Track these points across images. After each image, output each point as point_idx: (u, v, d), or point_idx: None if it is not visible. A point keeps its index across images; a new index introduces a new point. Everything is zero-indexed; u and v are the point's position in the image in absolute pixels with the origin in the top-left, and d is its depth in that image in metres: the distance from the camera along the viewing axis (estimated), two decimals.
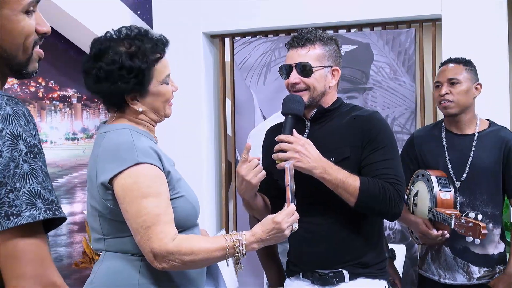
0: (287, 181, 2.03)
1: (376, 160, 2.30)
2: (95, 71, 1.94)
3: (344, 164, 2.28)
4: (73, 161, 4.44)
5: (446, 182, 2.81)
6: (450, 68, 2.91)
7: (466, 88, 2.87)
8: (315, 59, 2.36)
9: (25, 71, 1.37)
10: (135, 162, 1.87)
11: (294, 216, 1.99)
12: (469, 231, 2.56)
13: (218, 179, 4.55)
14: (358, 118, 2.37)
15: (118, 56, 1.92)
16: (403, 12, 3.98)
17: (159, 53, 1.99)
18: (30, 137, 1.23)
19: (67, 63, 4.48)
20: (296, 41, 2.38)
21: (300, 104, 2.32)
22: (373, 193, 2.25)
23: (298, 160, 2.22)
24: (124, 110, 2.00)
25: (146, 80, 1.95)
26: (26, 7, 1.32)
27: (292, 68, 2.37)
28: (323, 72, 2.38)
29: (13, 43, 1.32)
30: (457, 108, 2.87)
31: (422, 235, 2.82)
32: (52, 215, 1.24)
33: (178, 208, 1.94)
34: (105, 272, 1.96)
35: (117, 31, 1.98)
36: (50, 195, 1.25)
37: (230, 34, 4.43)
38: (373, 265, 2.37)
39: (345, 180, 2.24)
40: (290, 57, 2.39)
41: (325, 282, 2.35)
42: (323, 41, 2.39)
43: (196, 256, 1.86)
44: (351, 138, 2.34)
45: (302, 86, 2.36)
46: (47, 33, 1.38)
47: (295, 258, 2.44)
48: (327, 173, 2.23)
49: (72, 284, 4.39)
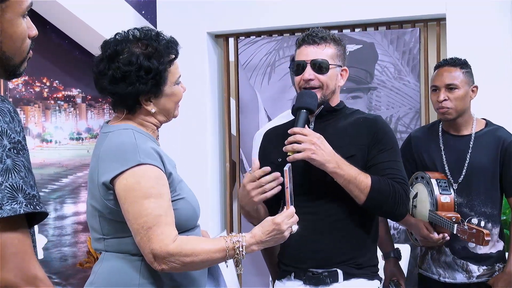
0: (287, 183, 2.03)
1: (384, 160, 2.33)
2: (111, 72, 1.93)
3: (349, 162, 2.28)
4: (78, 161, 4.45)
5: (446, 185, 2.81)
6: (447, 72, 2.88)
7: (464, 92, 2.86)
8: (330, 57, 2.39)
9: (18, 72, 1.40)
10: (137, 162, 1.87)
11: (294, 218, 2.00)
12: (472, 237, 2.57)
13: (222, 179, 4.56)
14: (364, 119, 2.40)
15: (135, 57, 1.92)
16: (407, 11, 3.98)
17: (173, 54, 2.00)
18: (14, 133, 1.26)
19: (72, 63, 4.49)
20: (311, 38, 2.39)
21: (315, 99, 2.34)
22: (384, 192, 2.27)
23: (313, 152, 2.23)
24: (135, 111, 2.00)
25: (162, 81, 1.96)
26: (25, 11, 1.34)
27: (307, 64, 2.37)
28: (336, 71, 2.41)
29: (13, 46, 1.35)
30: (455, 114, 2.87)
31: (423, 238, 2.83)
32: (33, 209, 1.25)
33: (179, 210, 1.94)
34: (106, 272, 1.95)
35: (128, 32, 1.98)
36: (32, 190, 1.27)
37: (235, 34, 4.43)
38: (367, 267, 2.38)
39: (357, 176, 2.25)
40: (305, 54, 2.39)
41: (318, 282, 2.34)
42: (335, 41, 2.42)
43: (196, 258, 1.86)
44: (357, 138, 2.36)
45: (316, 83, 2.37)
46: (35, 37, 1.40)
47: (287, 258, 2.42)
48: (340, 168, 2.24)
49: (77, 284, 4.40)
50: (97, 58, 1.99)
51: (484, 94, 3.50)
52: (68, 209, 4.46)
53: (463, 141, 2.89)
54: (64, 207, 4.45)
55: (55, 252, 4.38)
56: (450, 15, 3.88)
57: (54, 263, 4.37)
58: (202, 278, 2.05)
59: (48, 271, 4.30)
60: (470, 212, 2.83)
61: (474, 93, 2.91)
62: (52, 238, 4.33)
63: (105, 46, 1.99)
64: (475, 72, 2.98)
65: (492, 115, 3.08)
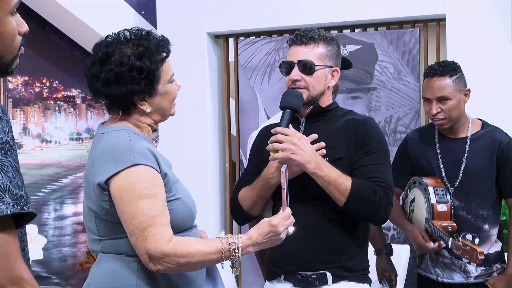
0: (283, 184, 2.02)
1: (368, 163, 2.30)
2: (103, 75, 1.93)
3: (337, 164, 2.27)
4: (78, 161, 4.45)
5: (444, 193, 2.80)
6: (436, 84, 2.81)
7: (456, 102, 2.82)
8: (318, 58, 2.36)
9: (10, 69, 1.40)
10: (132, 163, 1.86)
11: (290, 220, 1.99)
12: (466, 254, 2.58)
13: (222, 179, 4.55)
14: (353, 121, 2.38)
15: (126, 58, 1.92)
16: (407, 12, 3.97)
17: (165, 52, 1.99)
18: (2, 133, 1.26)
19: (72, 63, 4.49)
20: (299, 38, 2.38)
21: (299, 99, 2.33)
22: (364, 195, 2.24)
23: (293, 152, 2.22)
24: (130, 111, 1.99)
25: (155, 80, 1.96)
26: (13, 8, 1.34)
27: (294, 65, 2.36)
28: (324, 72, 2.38)
29: (3, 44, 1.34)
30: (450, 123, 2.85)
31: (418, 246, 2.84)
32: (20, 210, 1.25)
33: (175, 210, 1.93)
34: (102, 273, 1.95)
35: (119, 34, 1.98)
36: (19, 191, 1.26)
37: (234, 34, 4.43)
38: (357, 270, 2.36)
39: (337, 178, 2.23)
40: (293, 54, 2.38)
41: (307, 284, 2.32)
42: (326, 40, 2.39)
43: (192, 259, 1.86)
44: (346, 139, 2.33)
45: (302, 83, 2.36)
46: (26, 33, 1.40)
47: (277, 259, 2.42)
48: (320, 169, 2.23)
49: (77, 284, 4.40)
50: (89, 62, 1.99)
51: (483, 95, 3.51)
52: (68, 209, 4.46)
53: (459, 144, 2.88)
54: (64, 207, 4.45)
55: (55, 252, 4.38)
56: (450, 15, 3.87)
57: (54, 263, 4.37)
58: (200, 279, 2.04)
59: (48, 271, 4.30)
60: (467, 215, 2.83)
61: (467, 97, 2.88)
62: (52, 238, 4.33)
63: (96, 49, 1.98)
64: (474, 73, 2.97)
65: (491, 116, 3.08)
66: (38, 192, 4.21)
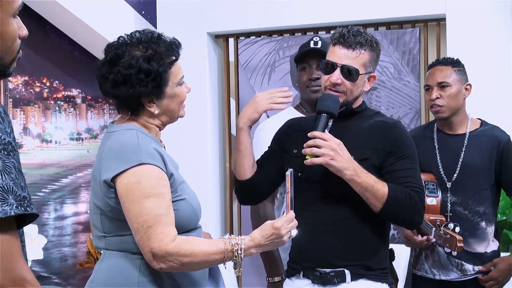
0: (288, 187, 2.03)
1: (401, 168, 2.30)
2: (112, 76, 1.96)
3: (362, 165, 2.26)
4: (78, 161, 4.45)
5: (434, 188, 2.82)
6: (439, 71, 2.90)
7: (456, 90, 2.87)
8: (362, 65, 2.32)
9: (8, 72, 1.40)
10: (139, 162, 1.89)
11: (293, 223, 2.00)
12: (446, 242, 2.59)
13: (223, 179, 4.56)
14: (383, 123, 2.36)
15: (135, 60, 1.95)
16: (407, 11, 3.98)
17: (174, 55, 2.02)
18: (4, 134, 1.26)
19: (72, 63, 4.49)
20: (347, 40, 2.31)
21: (337, 104, 2.30)
22: (400, 200, 2.24)
23: (332, 158, 2.20)
24: (139, 113, 2.02)
25: (163, 83, 1.98)
26: (16, 11, 1.34)
27: (337, 67, 2.32)
28: (364, 78, 2.35)
29: (3, 45, 1.34)
30: (449, 112, 2.87)
31: (406, 239, 2.83)
32: (23, 211, 1.25)
33: (180, 211, 1.95)
34: (106, 271, 1.97)
35: (131, 35, 2.01)
36: (23, 192, 1.26)
37: (235, 34, 4.43)
38: (377, 269, 2.35)
39: (374, 184, 2.22)
40: (337, 55, 2.32)
41: (325, 282, 2.32)
42: (372, 47, 2.34)
43: (195, 258, 1.88)
44: (373, 141, 2.32)
45: (341, 88, 2.32)
46: (25, 37, 1.40)
47: (297, 256, 2.42)
48: (358, 175, 2.22)
49: (77, 284, 4.40)
50: (100, 62, 2.02)
51: (483, 94, 3.51)
52: (68, 209, 4.46)
53: (457, 140, 2.90)
54: (64, 207, 4.45)
55: (55, 252, 4.37)
56: (450, 15, 3.88)
57: (54, 263, 4.37)
58: (203, 279, 2.06)
59: (48, 271, 4.30)
60: (464, 211, 2.84)
61: (468, 91, 2.91)
62: (52, 238, 4.32)
63: (107, 50, 2.02)
64: (474, 72, 2.98)
65: (491, 115, 3.08)
66: (38, 192, 4.21)
